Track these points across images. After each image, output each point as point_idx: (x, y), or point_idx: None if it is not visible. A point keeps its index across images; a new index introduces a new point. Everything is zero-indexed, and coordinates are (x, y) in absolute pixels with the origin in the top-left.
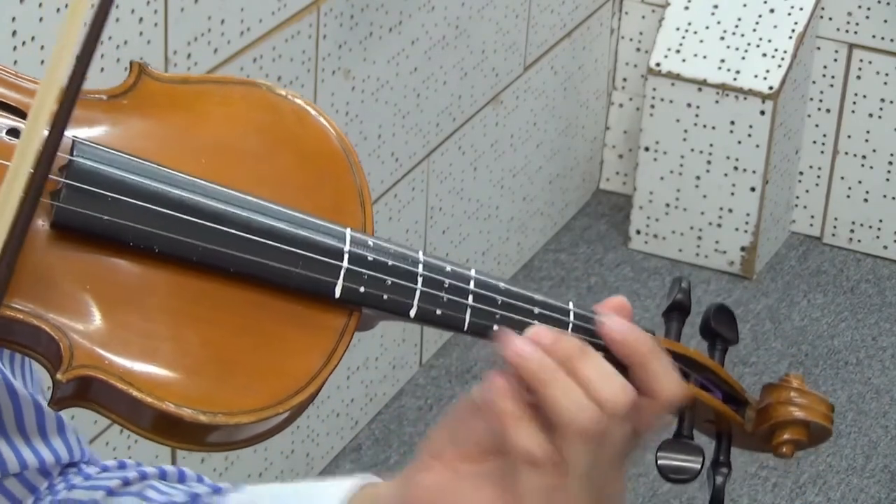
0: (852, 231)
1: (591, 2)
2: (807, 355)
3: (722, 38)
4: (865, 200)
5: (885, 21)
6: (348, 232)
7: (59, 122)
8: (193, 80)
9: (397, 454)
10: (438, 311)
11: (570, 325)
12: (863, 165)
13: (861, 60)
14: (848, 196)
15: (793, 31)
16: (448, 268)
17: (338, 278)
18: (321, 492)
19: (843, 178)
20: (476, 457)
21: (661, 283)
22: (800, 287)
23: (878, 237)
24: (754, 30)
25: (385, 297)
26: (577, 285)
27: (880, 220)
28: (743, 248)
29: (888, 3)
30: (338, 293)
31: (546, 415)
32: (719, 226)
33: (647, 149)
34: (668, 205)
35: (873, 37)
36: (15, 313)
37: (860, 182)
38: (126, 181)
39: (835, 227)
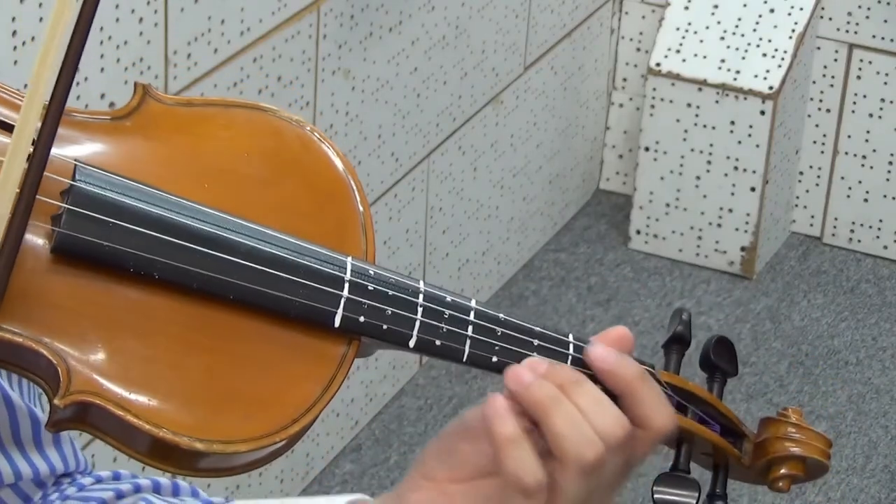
0: (852, 231)
1: (591, 2)
2: (807, 355)
3: (722, 38)
4: (865, 200)
5: (885, 21)
6: (349, 261)
7: (44, 139)
8: (198, 103)
9: (397, 454)
10: (438, 342)
11: (570, 358)
12: (863, 165)
13: (861, 60)
14: (848, 196)
15: (793, 31)
16: (448, 298)
17: (338, 307)
18: None
19: (843, 178)
20: (467, 478)
21: (661, 283)
22: (800, 287)
23: (878, 237)
24: (754, 30)
25: (385, 326)
26: (577, 285)
27: (880, 220)
28: (743, 248)
29: (888, 3)
30: (337, 322)
31: (544, 442)
32: (719, 226)
33: (647, 149)
34: (668, 205)
35: (873, 37)
36: (14, 337)
37: (860, 182)
38: (128, 207)
39: (835, 227)
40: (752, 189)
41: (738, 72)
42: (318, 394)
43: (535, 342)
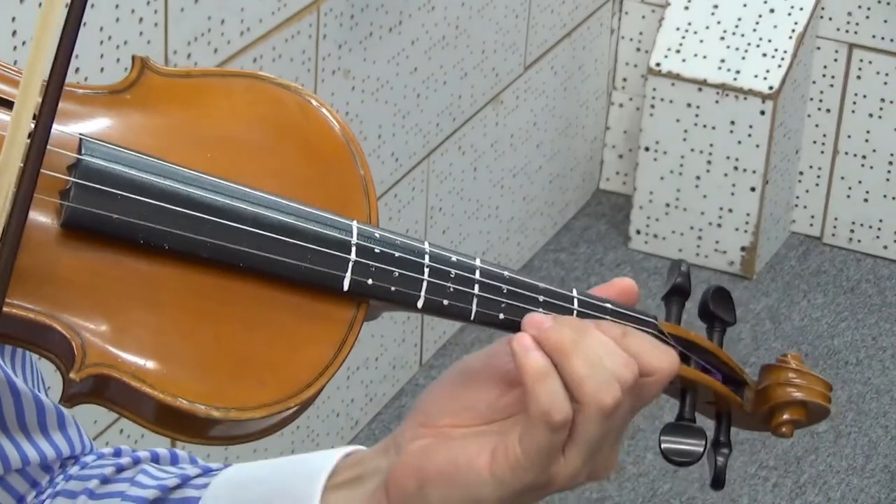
0: (852, 231)
1: (591, 2)
2: (807, 355)
3: (722, 38)
4: (865, 200)
5: (885, 21)
6: (355, 224)
7: (46, 113)
8: (196, 74)
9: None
10: (445, 302)
11: (575, 313)
12: (863, 165)
13: (861, 60)
14: (848, 196)
15: (793, 31)
16: (454, 258)
17: (346, 271)
18: (307, 461)
19: (843, 178)
20: (470, 424)
21: (661, 282)
22: (800, 287)
23: (878, 237)
24: (754, 30)
25: (393, 288)
26: (577, 285)
27: (880, 220)
28: (743, 248)
29: (888, 3)
30: (346, 286)
31: (566, 386)
32: (719, 226)
33: (647, 149)
34: (668, 205)
35: (873, 37)
36: (27, 313)
37: (860, 182)
38: (135, 179)
39: (835, 227)
40: (752, 189)
41: (738, 72)
42: (330, 357)
43: (541, 298)
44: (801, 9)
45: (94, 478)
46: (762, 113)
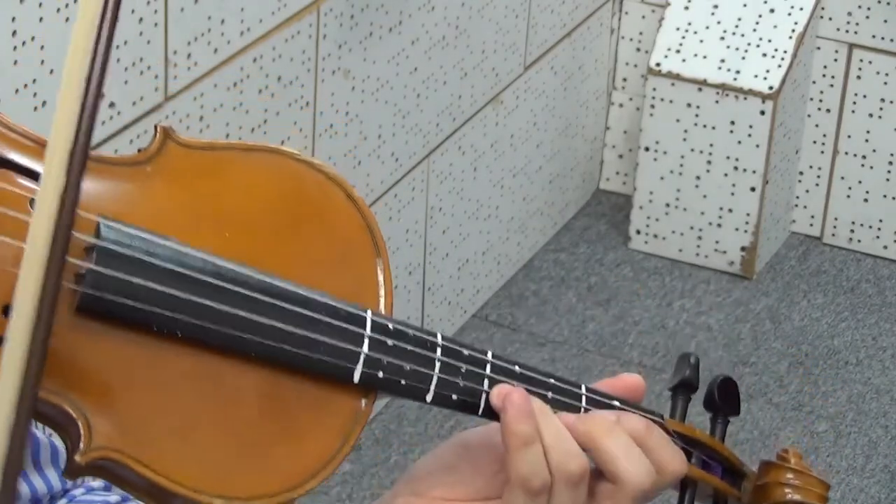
0: (852, 231)
1: (591, 2)
2: (807, 355)
3: (722, 38)
4: (865, 200)
5: (885, 21)
6: (369, 316)
7: (69, 204)
8: (219, 147)
9: (397, 454)
10: (454, 396)
11: (582, 409)
12: (863, 165)
13: (861, 60)
14: (848, 196)
15: (793, 31)
16: (465, 352)
17: (357, 363)
18: None
19: (843, 178)
20: (463, 499)
21: (661, 282)
22: (800, 287)
23: (878, 237)
24: (754, 30)
25: (403, 382)
26: (577, 285)
27: (880, 220)
28: (743, 248)
29: (888, 3)
30: (356, 378)
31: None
32: (719, 226)
33: (647, 149)
34: (668, 205)
35: (873, 37)
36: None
37: (860, 182)
38: (153, 266)
39: (835, 227)
40: (752, 189)
41: (738, 72)
42: (336, 448)
43: (549, 395)
44: (801, 9)
45: None
46: (762, 113)
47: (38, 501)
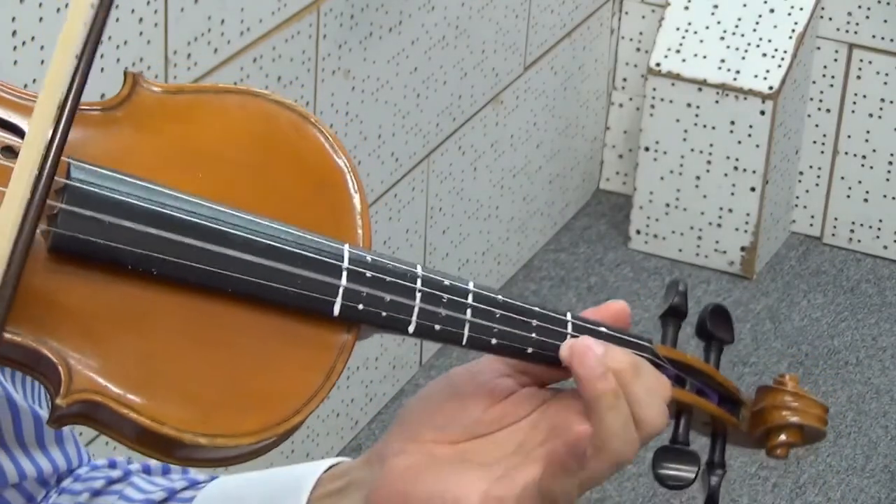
0: (852, 231)
1: (591, 2)
2: (807, 355)
3: (722, 38)
4: (865, 200)
5: (885, 21)
6: (346, 249)
7: (57, 145)
8: (189, 90)
9: None
10: (437, 327)
11: (568, 336)
12: (863, 165)
13: (861, 60)
14: (848, 196)
15: (793, 31)
16: (446, 282)
17: (336, 296)
18: (291, 473)
19: (843, 178)
20: (455, 440)
21: (661, 282)
22: (800, 287)
23: (878, 237)
24: (754, 30)
25: (383, 314)
26: (577, 285)
27: (880, 220)
28: (743, 248)
29: (888, 3)
30: (336, 311)
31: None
32: (719, 226)
33: (647, 149)
34: (668, 205)
35: (873, 37)
36: (13, 337)
37: (860, 182)
38: (124, 204)
39: (835, 227)
40: (752, 189)
41: (738, 72)
42: (319, 383)
43: (535, 322)
44: (801, 9)
45: (85, 491)
46: (762, 113)
47: (45, 483)
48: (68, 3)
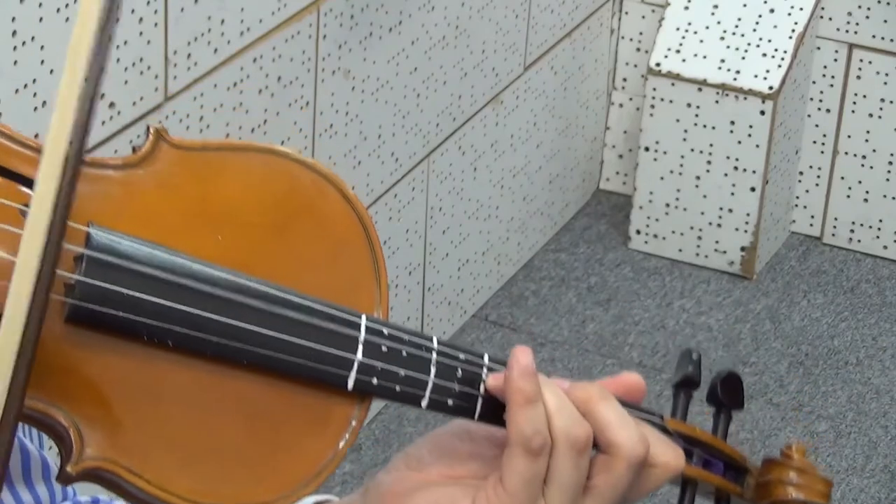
0: (852, 231)
1: (591, 2)
2: (807, 355)
3: (722, 38)
4: (865, 200)
5: (885, 21)
6: (363, 320)
7: (60, 218)
8: (212, 147)
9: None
10: (449, 402)
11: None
12: (863, 165)
13: (861, 60)
14: (848, 196)
15: (793, 31)
16: (462, 356)
17: (351, 370)
18: None
19: (843, 178)
20: (460, 478)
21: (661, 282)
22: (800, 287)
23: (878, 237)
24: (754, 30)
25: (397, 388)
26: (577, 285)
27: (880, 220)
28: (743, 248)
29: (888, 3)
30: (350, 385)
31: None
32: (719, 226)
33: (647, 149)
34: (668, 205)
35: (873, 37)
36: (28, 401)
37: (860, 182)
38: (142, 275)
39: (835, 227)
40: (752, 189)
41: (738, 72)
42: (329, 456)
43: None
44: (801, 9)
45: None
46: (762, 113)
47: None
48: (68, 5)
